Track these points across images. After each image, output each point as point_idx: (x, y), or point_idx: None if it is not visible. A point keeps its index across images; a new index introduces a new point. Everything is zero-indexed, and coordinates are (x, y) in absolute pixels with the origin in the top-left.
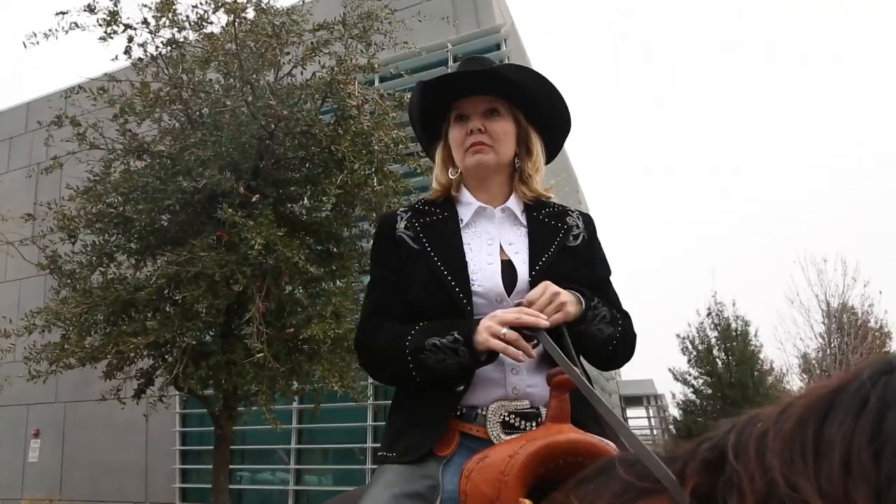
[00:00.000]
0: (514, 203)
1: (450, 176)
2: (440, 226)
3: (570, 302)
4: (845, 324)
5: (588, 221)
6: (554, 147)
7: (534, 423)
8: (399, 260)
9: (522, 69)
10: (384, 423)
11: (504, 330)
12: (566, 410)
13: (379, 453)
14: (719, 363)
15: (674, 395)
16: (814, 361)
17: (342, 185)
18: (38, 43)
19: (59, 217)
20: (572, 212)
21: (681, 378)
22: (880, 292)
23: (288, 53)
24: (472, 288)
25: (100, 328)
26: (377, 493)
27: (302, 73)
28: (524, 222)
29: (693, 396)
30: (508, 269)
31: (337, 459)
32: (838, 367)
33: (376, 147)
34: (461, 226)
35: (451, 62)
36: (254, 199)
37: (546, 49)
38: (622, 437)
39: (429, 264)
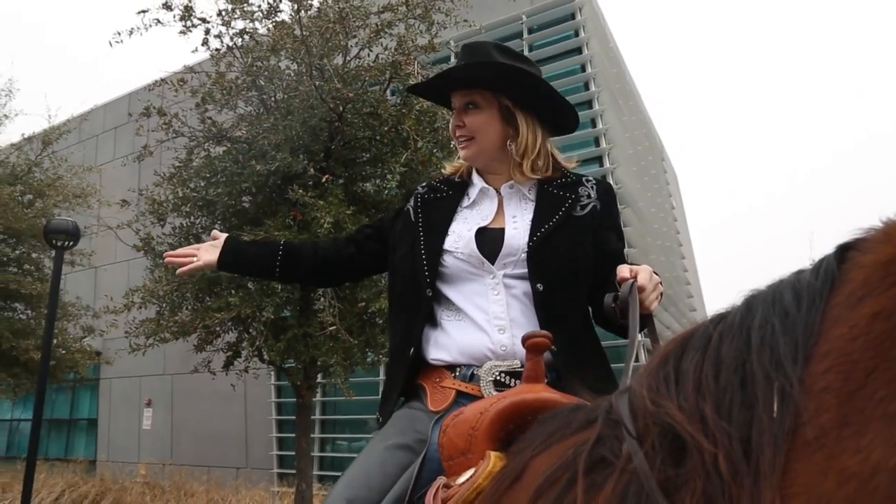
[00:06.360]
0: (519, 181)
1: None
2: (441, 203)
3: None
4: None
5: (604, 190)
6: (563, 120)
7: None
8: (392, 225)
9: (478, 64)
10: None
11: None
12: (540, 371)
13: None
14: None
15: None
16: None
17: (407, 163)
18: (121, 41)
19: (149, 202)
20: (588, 181)
21: None
22: None
23: (355, 37)
24: (455, 255)
25: (189, 304)
26: (373, 445)
27: (368, 56)
28: (532, 197)
29: None
30: (495, 234)
31: None
32: None
33: (439, 124)
34: (464, 205)
35: (525, 34)
36: (324, 180)
37: (625, 14)
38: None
39: (414, 239)
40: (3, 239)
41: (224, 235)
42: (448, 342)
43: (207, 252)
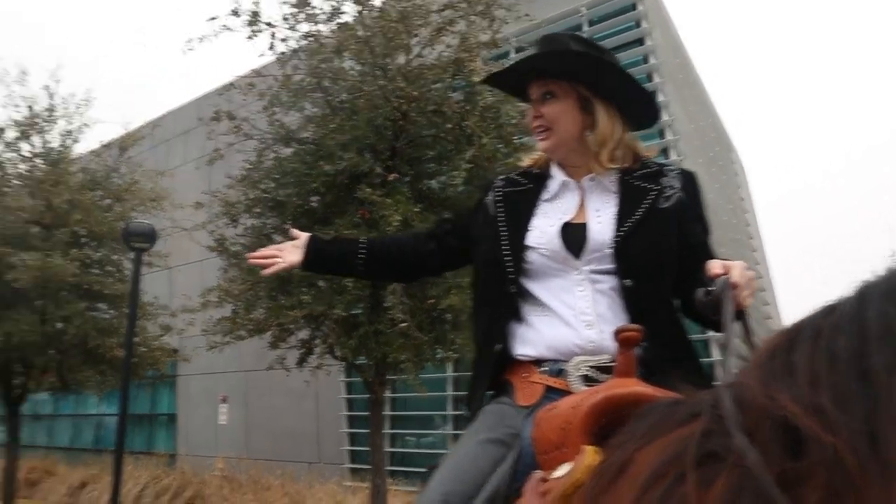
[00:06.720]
0: (599, 173)
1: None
2: (521, 197)
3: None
4: None
5: (687, 180)
6: (643, 112)
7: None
8: (473, 220)
9: (554, 54)
10: None
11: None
12: (632, 365)
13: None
14: None
15: None
16: None
17: (472, 159)
18: (193, 49)
19: (222, 204)
20: (671, 170)
21: None
22: None
23: (416, 35)
24: (539, 251)
25: (263, 303)
26: (464, 441)
27: (431, 54)
28: (615, 189)
29: None
30: (578, 230)
31: None
32: None
33: (503, 120)
34: (544, 198)
35: (585, 26)
36: (390, 178)
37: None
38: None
39: (495, 234)
40: (86, 242)
41: (304, 235)
42: (535, 337)
43: (291, 253)
